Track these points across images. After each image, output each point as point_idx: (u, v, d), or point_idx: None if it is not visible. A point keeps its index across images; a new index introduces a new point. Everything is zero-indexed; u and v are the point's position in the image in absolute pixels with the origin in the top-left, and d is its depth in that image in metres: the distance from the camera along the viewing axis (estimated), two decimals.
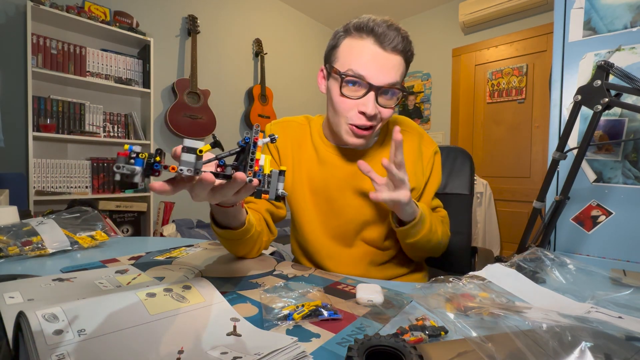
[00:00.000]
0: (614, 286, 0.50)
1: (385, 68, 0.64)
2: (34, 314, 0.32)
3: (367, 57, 0.64)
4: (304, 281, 0.60)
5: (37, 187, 1.97)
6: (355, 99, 0.66)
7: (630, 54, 0.93)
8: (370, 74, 0.63)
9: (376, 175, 0.64)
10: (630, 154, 0.94)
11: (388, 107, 0.67)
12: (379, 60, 0.63)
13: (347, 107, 0.67)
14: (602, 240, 0.98)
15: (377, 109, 0.65)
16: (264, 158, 0.44)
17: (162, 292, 0.42)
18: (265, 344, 0.35)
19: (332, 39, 0.71)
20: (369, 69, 0.63)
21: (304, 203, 0.79)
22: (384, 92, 0.66)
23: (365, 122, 0.66)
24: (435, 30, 3.48)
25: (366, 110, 0.64)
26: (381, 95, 0.65)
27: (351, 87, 0.66)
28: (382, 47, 0.63)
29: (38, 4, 1.86)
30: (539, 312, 0.39)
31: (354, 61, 0.64)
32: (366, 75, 0.63)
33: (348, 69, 0.65)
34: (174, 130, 2.49)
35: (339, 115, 0.69)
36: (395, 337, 0.30)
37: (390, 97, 0.67)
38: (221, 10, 2.95)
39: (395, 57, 0.64)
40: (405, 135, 0.78)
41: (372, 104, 0.64)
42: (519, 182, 2.96)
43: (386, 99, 0.67)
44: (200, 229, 2.45)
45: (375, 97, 0.65)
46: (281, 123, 0.84)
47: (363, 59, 0.64)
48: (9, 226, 0.76)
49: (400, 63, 0.66)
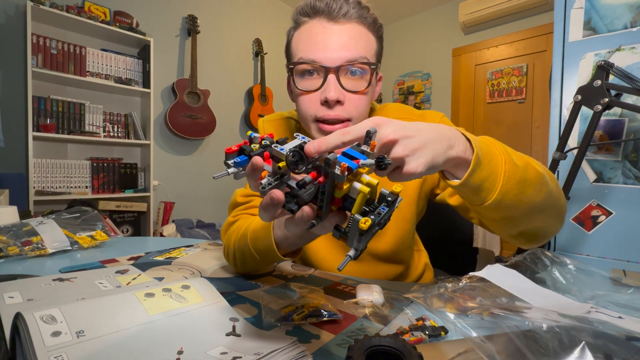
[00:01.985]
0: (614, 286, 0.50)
1: (340, 43, 0.53)
2: (32, 315, 0.32)
3: (317, 37, 0.54)
4: (303, 282, 0.60)
5: (37, 187, 1.97)
6: (315, 90, 0.55)
7: (630, 54, 0.93)
8: (323, 55, 0.53)
9: None
10: (630, 154, 0.94)
11: (358, 90, 0.54)
12: (330, 37, 0.53)
13: (308, 103, 0.56)
14: (602, 240, 0.98)
15: (343, 94, 0.54)
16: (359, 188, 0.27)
17: (161, 293, 0.42)
18: (264, 344, 0.35)
19: (286, 39, 0.62)
20: (319, 49, 0.53)
21: None
22: (348, 73, 0.54)
23: (329, 114, 0.54)
24: (435, 30, 3.48)
25: (328, 95, 0.52)
26: (344, 77, 0.54)
27: (308, 79, 0.55)
28: (330, 19, 0.53)
29: (38, 4, 1.86)
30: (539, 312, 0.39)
31: (303, 47, 0.55)
32: (318, 59, 0.53)
33: (298, 58, 0.55)
34: (174, 130, 2.50)
35: (305, 116, 0.58)
36: (395, 337, 0.30)
37: (359, 78, 0.54)
38: (221, 10, 2.95)
39: (350, 26, 0.54)
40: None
41: (333, 87, 0.52)
42: None
43: (352, 81, 0.54)
44: (200, 229, 2.45)
45: (337, 79, 0.53)
46: (275, 120, 0.74)
47: (312, 41, 0.54)
48: (9, 226, 0.76)
49: (359, 32, 0.54)
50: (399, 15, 3.65)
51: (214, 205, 2.95)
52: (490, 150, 0.40)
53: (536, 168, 0.44)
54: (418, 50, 3.61)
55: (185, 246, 0.83)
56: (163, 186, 2.60)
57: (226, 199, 3.02)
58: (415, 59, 3.62)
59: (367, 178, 0.28)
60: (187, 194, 2.76)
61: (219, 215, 2.94)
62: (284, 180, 0.30)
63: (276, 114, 0.75)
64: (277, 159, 0.30)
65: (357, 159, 0.28)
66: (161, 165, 2.59)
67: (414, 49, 3.62)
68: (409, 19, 3.68)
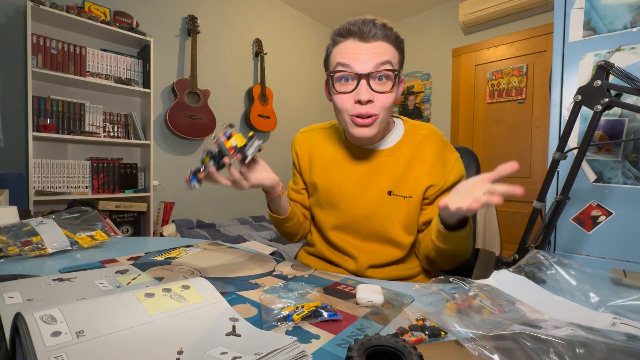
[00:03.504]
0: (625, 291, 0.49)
1: (368, 55, 0.67)
2: (32, 315, 0.32)
3: (350, 51, 0.68)
4: (303, 282, 0.60)
5: (37, 187, 1.97)
6: (350, 92, 0.69)
7: (630, 54, 0.93)
8: (355, 64, 0.67)
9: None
10: (630, 154, 0.94)
11: (384, 91, 0.69)
12: (362, 50, 0.67)
13: (344, 102, 0.70)
14: (602, 241, 0.98)
15: (372, 95, 0.68)
16: (234, 139, 0.65)
17: (160, 293, 0.42)
18: (264, 344, 0.35)
19: (325, 52, 0.77)
20: (352, 59, 0.68)
21: (320, 199, 0.85)
22: (376, 78, 0.68)
23: (362, 110, 0.68)
24: (435, 30, 3.48)
25: (360, 97, 0.67)
26: (373, 81, 0.68)
27: (343, 83, 0.70)
28: (362, 40, 0.68)
29: (38, 4, 1.86)
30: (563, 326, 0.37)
31: (339, 57, 0.70)
32: (352, 65, 0.68)
33: (336, 63, 0.70)
34: (174, 130, 2.49)
35: (341, 113, 0.73)
36: (395, 337, 0.30)
37: (385, 82, 0.69)
38: (221, 10, 2.95)
39: (377, 43, 0.68)
40: (427, 139, 0.79)
41: (365, 89, 0.67)
42: (519, 182, 2.94)
43: (380, 84, 0.69)
44: (200, 229, 2.45)
45: (368, 83, 0.67)
46: (305, 132, 0.92)
47: (347, 53, 0.69)
48: (9, 226, 0.76)
49: (385, 47, 0.68)
50: (399, 15, 3.65)
51: (214, 205, 2.95)
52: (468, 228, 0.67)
53: (469, 242, 0.71)
54: (418, 50, 3.61)
55: (185, 246, 0.83)
56: (163, 186, 2.60)
57: (226, 199, 3.02)
58: (415, 59, 3.62)
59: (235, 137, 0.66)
60: (187, 194, 2.75)
61: (219, 215, 2.94)
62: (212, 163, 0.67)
63: (308, 127, 0.94)
64: (202, 161, 0.68)
65: (226, 134, 0.66)
66: (161, 165, 2.59)
67: (414, 49, 3.62)
68: (409, 19, 3.68)
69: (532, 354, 0.32)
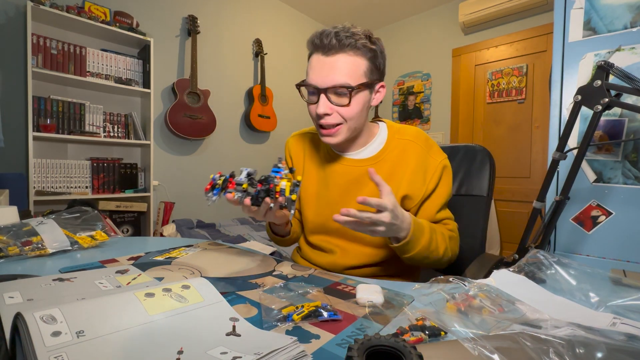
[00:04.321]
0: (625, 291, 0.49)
1: (326, 72, 0.71)
2: (32, 315, 0.32)
3: (314, 67, 0.73)
4: (303, 282, 0.60)
5: (37, 187, 1.97)
6: (314, 103, 0.74)
7: (630, 54, 0.93)
8: (317, 80, 0.72)
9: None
10: (630, 154, 0.94)
11: (341, 104, 0.72)
12: (322, 66, 0.71)
13: (312, 112, 0.76)
14: (602, 241, 0.98)
15: (331, 108, 0.73)
16: (285, 184, 0.61)
17: (161, 292, 0.42)
18: (264, 344, 0.35)
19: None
20: (314, 75, 0.72)
21: (309, 206, 0.87)
22: (335, 93, 0.72)
23: (322, 122, 0.74)
24: (435, 30, 3.48)
25: (317, 110, 0.73)
26: (333, 95, 0.72)
27: (311, 97, 0.75)
28: (324, 53, 0.71)
29: (38, 4, 1.86)
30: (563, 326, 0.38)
31: (308, 73, 0.75)
32: (314, 82, 0.72)
33: (306, 81, 0.75)
34: (174, 130, 2.50)
35: (313, 122, 0.79)
36: (395, 337, 0.30)
37: (342, 96, 0.72)
38: (221, 10, 2.95)
39: (336, 57, 0.70)
40: (410, 145, 0.80)
41: (322, 104, 0.72)
42: (519, 182, 2.95)
43: (338, 98, 0.72)
44: (200, 229, 2.45)
45: (327, 97, 0.72)
46: (298, 136, 0.94)
47: (312, 70, 0.73)
48: (9, 226, 0.76)
49: (345, 61, 0.70)
50: (399, 15, 3.65)
51: (214, 205, 2.94)
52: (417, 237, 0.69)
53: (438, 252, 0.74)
54: (418, 50, 3.61)
55: (185, 246, 0.83)
56: (163, 186, 2.60)
57: (226, 200, 3.01)
58: (415, 59, 3.62)
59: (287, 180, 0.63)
60: (187, 194, 2.75)
61: (219, 215, 2.94)
62: (248, 192, 0.63)
63: (300, 131, 0.97)
64: (240, 184, 0.63)
65: (280, 172, 0.63)
66: (161, 165, 2.59)
67: (414, 49, 3.62)
68: (409, 19, 3.68)
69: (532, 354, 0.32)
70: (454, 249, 0.79)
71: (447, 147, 1.06)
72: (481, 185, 0.98)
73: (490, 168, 0.98)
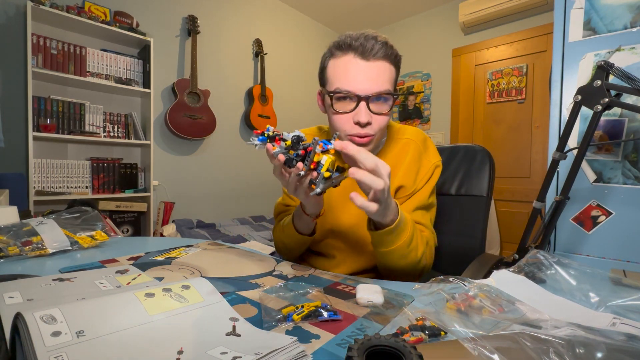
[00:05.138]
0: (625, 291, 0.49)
1: (370, 77, 0.66)
2: (32, 315, 0.32)
3: (351, 71, 0.66)
4: (303, 282, 0.60)
5: (37, 187, 1.97)
6: (349, 112, 0.68)
7: (630, 54, 0.93)
8: (357, 87, 0.66)
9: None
10: (630, 154, 0.94)
11: (381, 113, 0.68)
12: (363, 71, 0.66)
13: (343, 122, 0.69)
14: (602, 240, 0.98)
15: (371, 117, 0.67)
16: (326, 159, 0.52)
17: (161, 292, 0.42)
18: (264, 344, 0.35)
19: (321, 62, 0.74)
20: (354, 82, 0.66)
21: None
22: (375, 100, 0.67)
23: (360, 131, 0.68)
24: (435, 30, 3.48)
25: (360, 119, 0.66)
26: (372, 103, 0.67)
27: (342, 103, 0.68)
28: (363, 58, 0.66)
29: (38, 4, 1.86)
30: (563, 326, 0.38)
31: (340, 78, 0.67)
32: (353, 90, 0.66)
33: (336, 87, 0.68)
34: (174, 130, 2.50)
35: (339, 131, 0.72)
36: (395, 337, 0.30)
37: (383, 103, 0.68)
38: (221, 10, 2.95)
39: (378, 63, 0.66)
40: (408, 143, 0.80)
41: (364, 112, 0.66)
42: (519, 182, 2.95)
43: (378, 106, 0.68)
44: (200, 229, 2.45)
45: (367, 105, 0.66)
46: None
47: (348, 74, 0.66)
48: (9, 226, 0.76)
49: (385, 68, 0.67)
50: (399, 15, 3.65)
51: (214, 205, 2.95)
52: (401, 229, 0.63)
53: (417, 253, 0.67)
54: (418, 50, 3.61)
55: (185, 246, 0.83)
56: (163, 186, 2.60)
57: (226, 200, 3.02)
58: (415, 59, 3.62)
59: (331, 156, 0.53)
60: (187, 194, 2.76)
61: (219, 215, 2.94)
62: (288, 153, 0.56)
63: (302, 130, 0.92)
64: (284, 140, 0.55)
65: (328, 145, 0.52)
66: (161, 165, 2.59)
67: (414, 49, 3.62)
68: (409, 19, 3.68)
69: (532, 354, 0.32)
70: (428, 258, 0.73)
71: (447, 147, 1.06)
72: (481, 186, 0.98)
73: (490, 168, 0.98)
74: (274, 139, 0.56)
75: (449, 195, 1.02)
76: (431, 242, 0.76)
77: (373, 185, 0.50)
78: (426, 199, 0.77)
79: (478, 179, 0.99)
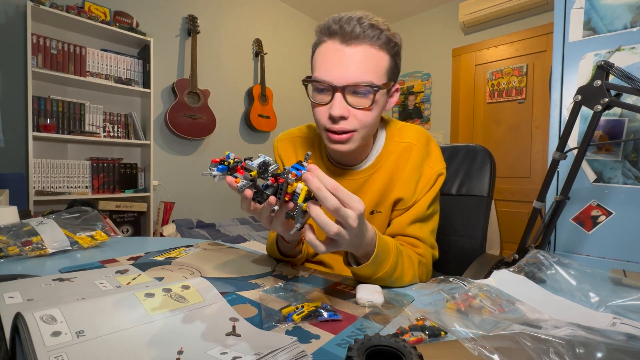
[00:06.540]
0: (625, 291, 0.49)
1: (347, 66, 0.58)
2: (32, 315, 0.32)
3: (329, 59, 0.60)
4: (303, 282, 0.60)
5: (37, 187, 1.97)
6: (325, 104, 0.61)
7: (630, 54, 0.93)
8: (332, 75, 0.59)
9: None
10: (630, 154, 0.94)
11: (361, 107, 0.60)
12: (340, 59, 0.58)
13: (320, 115, 0.63)
14: (602, 240, 0.98)
15: (348, 111, 0.60)
16: (301, 187, 0.44)
17: (160, 293, 0.42)
18: (264, 344, 0.35)
19: (312, 50, 0.67)
20: (330, 70, 0.59)
21: None
22: (354, 92, 0.60)
23: (333, 126, 0.61)
24: (435, 30, 3.48)
25: (332, 111, 0.59)
26: (350, 95, 0.60)
27: (321, 94, 0.62)
28: (343, 42, 0.58)
29: (38, 4, 1.86)
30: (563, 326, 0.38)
31: (318, 66, 0.61)
32: (328, 79, 0.59)
33: (314, 76, 0.62)
34: (174, 130, 2.50)
35: (319, 126, 0.65)
36: (395, 337, 0.30)
37: (363, 96, 0.60)
38: (221, 10, 2.95)
39: (360, 49, 0.58)
40: (409, 148, 0.72)
41: (337, 105, 0.59)
42: (519, 182, 2.95)
43: (357, 99, 0.60)
44: (200, 229, 2.45)
45: (343, 97, 0.59)
46: (287, 139, 0.81)
47: (325, 62, 0.60)
48: (9, 226, 0.76)
49: (369, 55, 0.59)
50: (399, 15, 3.65)
51: (214, 205, 2.95)
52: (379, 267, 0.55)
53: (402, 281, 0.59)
54: (418, 50, 3.61)
55: (185, 246, 0.83)
56: (163, 186, 2.60)
57: (226, 200, 3.02)
58: (415, 59, 3.62)
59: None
60: (187, 194, 2.76)
61: (219, 215, 2.94)
62: (255, 183, 0.46)
63: (287, 133, 0.83)
64: (249, 170, 0.45)
65: (301, 170, 0.43)
66: (161, 165, 2.59)
67: (414, 49, 3.62)
68: (409, 19, 3.68)
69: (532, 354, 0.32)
70: (423, 277, 0.68)
71: (447, 147, 1.06)
72: (481, 186, 0.97)
73: (491, 168, 0.98)
74: (236, 168, 0.47)
75: (450, 195, 1.02)
76: (426, 258, 0.69)
77: (325, 229, 0.42)
78: (424, 211, 0.69)
79: (479, 178, 0.99)
